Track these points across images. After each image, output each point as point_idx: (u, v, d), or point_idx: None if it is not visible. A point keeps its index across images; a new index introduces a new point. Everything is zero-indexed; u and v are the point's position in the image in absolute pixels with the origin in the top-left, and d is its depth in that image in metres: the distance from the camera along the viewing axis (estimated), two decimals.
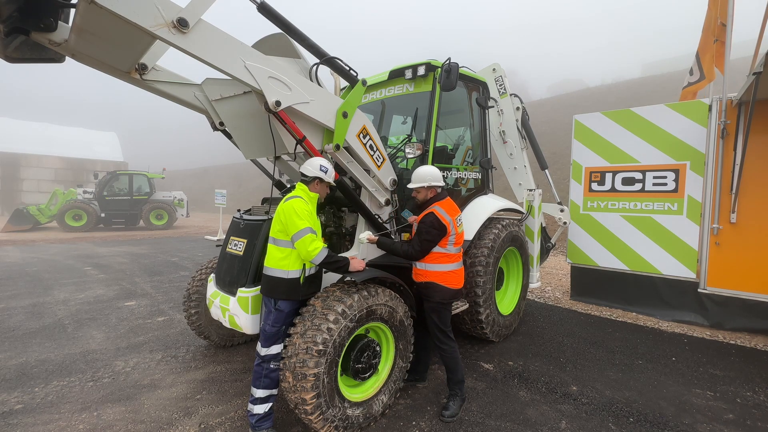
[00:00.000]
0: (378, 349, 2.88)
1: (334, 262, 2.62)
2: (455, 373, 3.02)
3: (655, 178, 5.37)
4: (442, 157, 4.17)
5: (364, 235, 3.02)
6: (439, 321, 3.00)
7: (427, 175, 3.06)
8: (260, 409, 2.66)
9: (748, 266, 4.67)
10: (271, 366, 2.66)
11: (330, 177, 2.80)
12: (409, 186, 3.14)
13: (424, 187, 3.06)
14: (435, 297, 3.00)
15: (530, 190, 5.36)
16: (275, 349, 2.67)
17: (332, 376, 2.51)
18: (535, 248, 5.26)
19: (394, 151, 4.13)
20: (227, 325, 3.14)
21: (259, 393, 2.66)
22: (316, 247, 2.54)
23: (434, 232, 2.90)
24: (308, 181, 2.80)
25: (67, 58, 2.60)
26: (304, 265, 2.69)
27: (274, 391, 2.72)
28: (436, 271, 2.99)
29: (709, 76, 5.93)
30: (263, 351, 2.67)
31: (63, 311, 5.52)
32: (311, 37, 3.05)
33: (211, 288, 3.40)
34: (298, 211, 2.58)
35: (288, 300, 2.69)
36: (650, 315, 5.34)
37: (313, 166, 2.77)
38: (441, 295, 2.99)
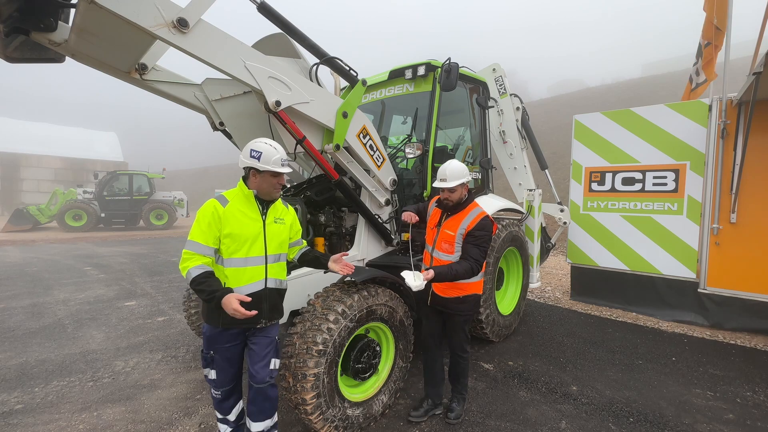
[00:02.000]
0: (378, 349, 2.87)
1: (201, 290, 1.94)
2: (466, 377, 3.01)
3: (655, 178, 5.37)
4: (442, 157, 4.15)
5: (418, 281, 2.39)
6: (468, 331, 2.85)
7: (464, 170, 2.65)
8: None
9: (748, 266, 4.67)
10: (212, 392, 2.29)
11: (268, 163, 2.08)
12: (444, 185, 2.64)
13: (463, 183, 2.64)
14: (474, 308, 2.80)
15: (530, 190, 5.37)
16: (205, 371, 2.25)
17: (332, 376, 2.51)
18: (535, 248, 5.26)
19: (394, 151, 4.13)
20: None
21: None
22: (185, 267, 1.97)
23: (491, 238, 2.64)
24: (245, 175, 2.20)
25: (67, 58, 2.60)
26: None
27: (228, 418, 2.37)
28: (477, 281, 2.75)
29: (710, 77, 5.94)
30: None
31: (63, 311, 5.52)
32: (311, 37, 3.05)
33: None
34: (198, 217, 2.06)
35: (207, 324, 2.19)
36: (650, 315, 5.34)
37: (244, 154, 2.12)
38: (477, 304, 2.84)
